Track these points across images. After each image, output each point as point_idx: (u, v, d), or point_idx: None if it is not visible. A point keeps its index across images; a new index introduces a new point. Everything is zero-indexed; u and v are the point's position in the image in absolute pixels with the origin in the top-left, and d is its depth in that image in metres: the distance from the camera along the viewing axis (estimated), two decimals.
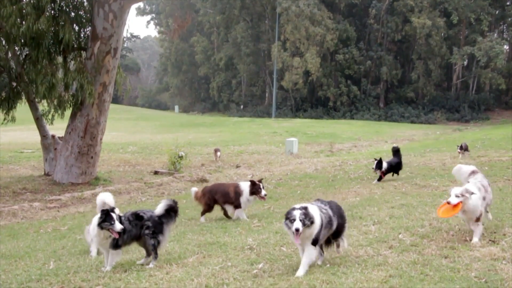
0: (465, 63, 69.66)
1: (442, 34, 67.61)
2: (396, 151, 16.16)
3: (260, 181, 10.82)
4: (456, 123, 59.14)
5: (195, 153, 26.72)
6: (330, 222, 6.73)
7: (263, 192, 10.61)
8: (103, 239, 7.28)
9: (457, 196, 7.17)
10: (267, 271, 6.66)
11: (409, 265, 6.40)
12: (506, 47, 65.61)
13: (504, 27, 74.68)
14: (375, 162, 15.63)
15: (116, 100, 58.56)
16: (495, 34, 68.23)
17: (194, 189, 11.83)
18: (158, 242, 7.60)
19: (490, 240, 7.28)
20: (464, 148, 20.13)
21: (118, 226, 7.08)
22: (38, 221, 13.51)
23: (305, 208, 6.42)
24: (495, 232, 7.68)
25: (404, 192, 13.15)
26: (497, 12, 68.64)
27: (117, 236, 7.17)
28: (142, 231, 7.52)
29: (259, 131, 41.48)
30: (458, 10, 63.04)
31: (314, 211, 6.52)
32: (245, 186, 10.79)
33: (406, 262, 6.50)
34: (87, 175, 19.07)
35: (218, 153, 24.86)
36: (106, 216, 7.14)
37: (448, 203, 7.18)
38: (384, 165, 15.52)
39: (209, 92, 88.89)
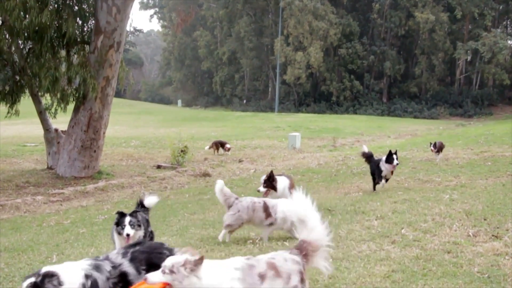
0: (469, 58, 69.51)
1: (446, 29, 67.50)
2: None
3: (268, 175, 9.96)
4: (459, 118, 59.06)
5: (198, 148, 26.71)
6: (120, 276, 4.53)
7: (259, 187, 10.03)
8: None
9: (164, 273, 4.09)
10: None
11: (411, 260, 6.40)
12: (510, 42, 65.48)
13: (508, 22, 74.57)
14: (392, 154, 12.42)
15: (119, 94, 58.66)
16: (499, 29, 68.05)
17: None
18: None
19: (493, 236, 7.28)
20: (438, 148, 18.04)
21: (125, 231, 6.43)
22: (41, 214, 13.52)
23: (48, 276, 4.17)
24: (498, 228, 7.68)
25: (407, 187, 13.15)
26: (501, 7, 68.51)
27: (127, 242, 6.44)
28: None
29: (262, 126, 41.47)
30: (461, 5, 62.90)
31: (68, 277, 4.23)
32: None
33: (408, 257, 6.50)
34: (90, 169, 19.06)
35: (228, 145, 24.98)
36: (120, 218, 6.59)
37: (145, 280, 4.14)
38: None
39: (212, 87, 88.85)
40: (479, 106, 64.51)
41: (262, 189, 9.86)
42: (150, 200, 7.42)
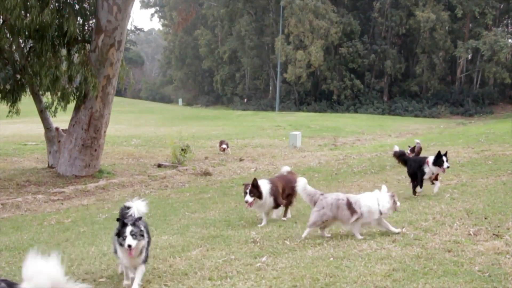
0: (469, 57, 69.55)
1: (447, 28, 67.44)
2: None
3: (253, 184, 9.23)
4: (460, 117, 59.05)
5: (199, 146, 26.73)
6: None
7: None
8: (135, 257, 6.12)
9: None
10: (270, 264, 6.66)
11: (412, 259, 6.39)
12: (510, 41, 65.45)
13: (509, 21, 74.55)
14: (441, 155, 10.97)
15: (119, 93, 58.68)
16: (500, 28, 68.02)
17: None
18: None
19: (494, 234, 7.27)
20: (416, 152, 16.81)
21: (126, 242, 5.94)
22: (42, 213, 13.54)
23: None
24: (499, 226, 7.66)
25: (408, 186, 13.13)
26: (501, 6, 68.40)
27: (130, 255, 6.02)
28: None
29: (262, 125, 41.48)
30: (462, 4, 62.87)
31: None
32: None
33: (409, 256, 6.49)
34: (91, 167, 19.08)
35: (223, 145, 24.82)
36: (121, 228, 6.09)
37: None
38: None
39: (212, 85, 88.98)
40: (479, 105, 64.52)
41: (249, 198, 9.10)
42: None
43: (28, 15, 17.23)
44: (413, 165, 11.71)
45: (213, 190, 15.46)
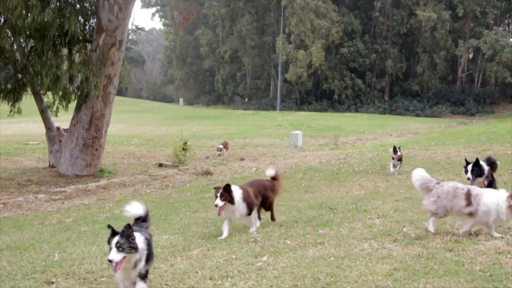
0: (470, 56, 69.52)
1: (448, 27, 67.44)
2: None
3: (225, 187, 8.50)
4: (461, 116, 59.02)
5: (200, 146, 26.72)
6: None
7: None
8: (126, 270, 5.46)
9: None
10: (271, 263, 6.66)
11: (413, 258, 6.39)
12: (511, 40, 65.45)
13: (510, 20, 74.42)
14: (470, 165, 10.60)
15: (120, 92, 58.70)
16: (501, 27, 67.97)
17: None
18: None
19: None
20: (398, 157, 15.67)
21: (109, 256, 5.26)
22: (43, 213, 13.54)
23: None
24: (499, 226, 7.66)
25: (409, 185, 13.07)
26: (502, 5, 68.34)
27: (114, 271, 5.35)
28: None
29: (263, 124, 41.47)
30: (463, 3, 62.85)
31: None
32: None
33: (410, 256, 6.49)
34: (92, 167, 19.09)
35: (220, 145, 24.44)
36: (110, 236, 5.36)
37: None
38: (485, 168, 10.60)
39: (213, 85, 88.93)
40: (481, 104, 64.49)
41: (220, 202, 8.30)
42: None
43: (29, 14, 17.23)
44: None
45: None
